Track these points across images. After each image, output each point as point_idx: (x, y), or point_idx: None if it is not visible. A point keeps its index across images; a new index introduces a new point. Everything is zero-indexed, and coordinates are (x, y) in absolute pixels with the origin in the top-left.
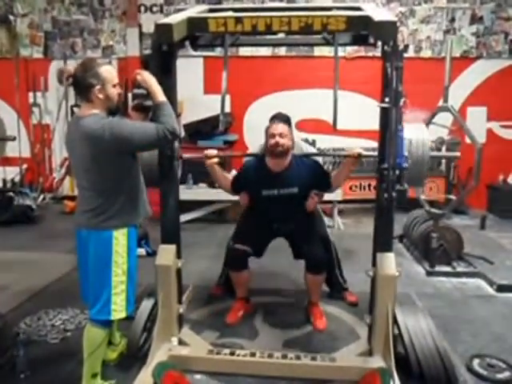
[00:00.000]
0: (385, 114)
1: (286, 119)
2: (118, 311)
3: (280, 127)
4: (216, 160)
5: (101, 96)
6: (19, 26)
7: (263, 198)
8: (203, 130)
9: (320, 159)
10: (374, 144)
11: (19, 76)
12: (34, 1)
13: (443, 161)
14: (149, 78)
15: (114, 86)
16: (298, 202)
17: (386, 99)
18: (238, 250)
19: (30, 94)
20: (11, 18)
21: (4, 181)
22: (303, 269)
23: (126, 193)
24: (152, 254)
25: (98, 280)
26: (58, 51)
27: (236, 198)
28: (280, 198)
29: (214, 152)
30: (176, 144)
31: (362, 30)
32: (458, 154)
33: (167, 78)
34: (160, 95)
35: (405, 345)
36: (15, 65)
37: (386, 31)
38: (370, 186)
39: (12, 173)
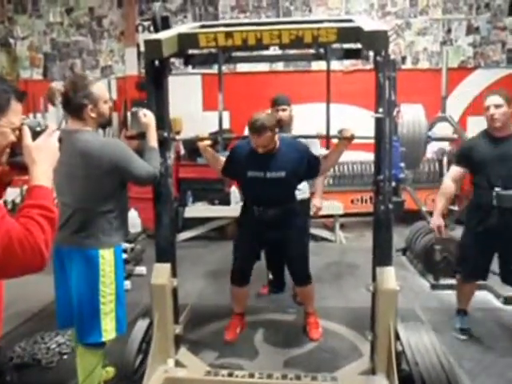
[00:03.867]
0: (379, 124)
1: (266, 126)
2: (109, 331)
3: (261, 140)
4: (208, 142)
5: (93, 115)
6: (19, 49)
7: (249, 180)
8: None
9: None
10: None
11: None
12: (34, 24)
13: (445, 171)
14: (151, 122)
15: (106, 102)
16: (284, 187)
17: (380, 109)
18: (241, 268)
19: (31, 116)
20: (11, 40)
21: (5, 202)
22: None
23: (112, 212)
24: None
25: (85, 301)
26: (58, 72)
27: (236, 214)
28: (267, 182)
29: (205, 134)
30: (169, 162)
31: (352, 41)
32: (455, 136)
33: (159, 93)
34: (154, 140)
35: (408, 362)
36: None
37: (377, 41)
38: (371, 199)
39: (12, 194)
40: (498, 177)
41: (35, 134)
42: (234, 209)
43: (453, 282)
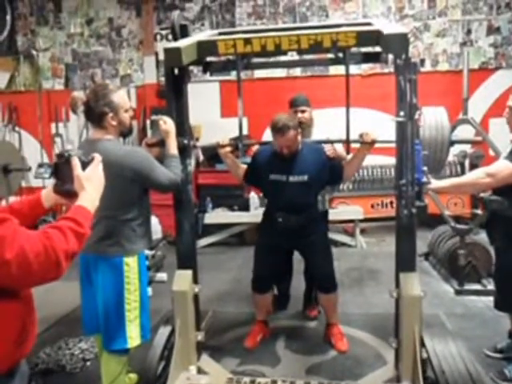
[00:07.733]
0: (401, 128)
1: (288, 125)
2: (134, 338)
3: (285, 140)
4: (229, 149)
5: (114, 123)
6: (41, 60)
7: (271, 184)
8: None
9: None
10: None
11: (42, 108)
12: (55, 35)
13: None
14: (171, 129)
15: (126, 110)
16: (307, 192)
17: (401, 113)
18: (261, 275)
19: (53, 125)
20: (34, 52)
21: None
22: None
23: (136, 219)
24: None
25: (110, 309)
26: (79, 82)
27: (255, 220)
28: (289, 186)
29: (226, 140)
30: (190, 169)
31: (372, 44)
32: (478, 138)
33: (179, 100)
34: (174, 147)
35: (434, 370)
36: (38, 97)
37: (397, 44)
38: (392, 203)
39: None
40: None
41: (84, 164)
42: (253, 214)
43: (478, 287)
